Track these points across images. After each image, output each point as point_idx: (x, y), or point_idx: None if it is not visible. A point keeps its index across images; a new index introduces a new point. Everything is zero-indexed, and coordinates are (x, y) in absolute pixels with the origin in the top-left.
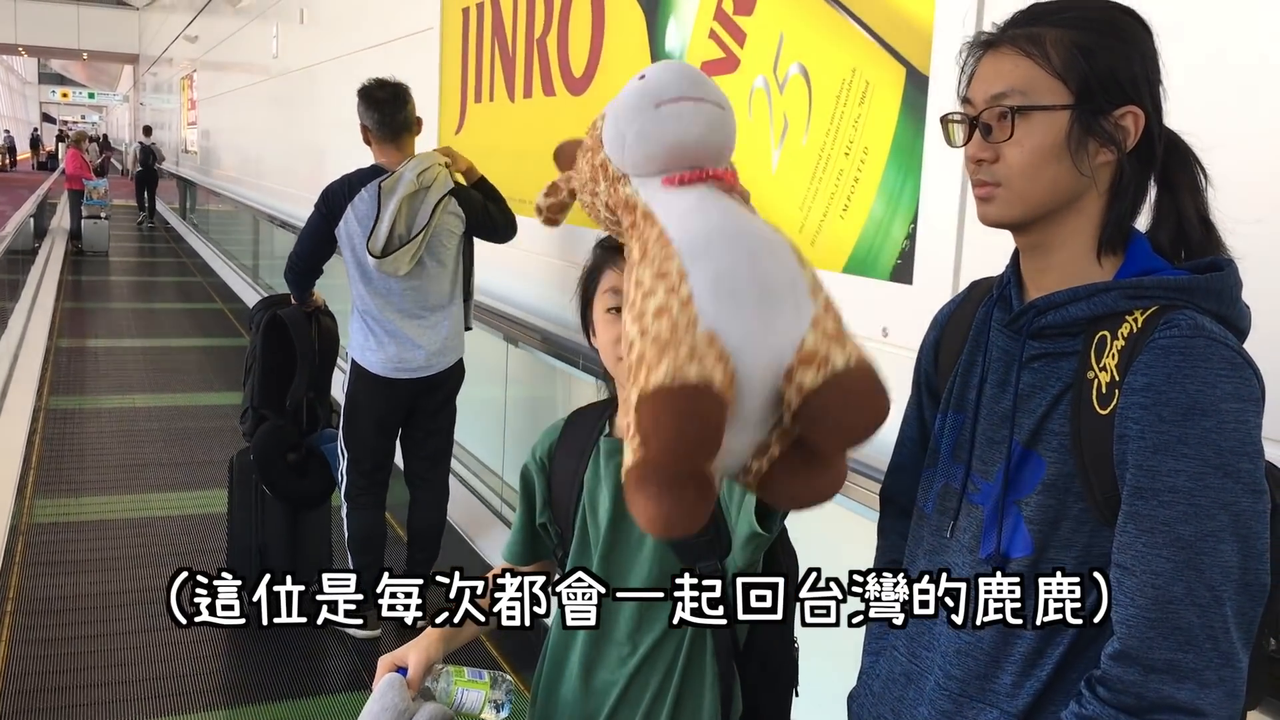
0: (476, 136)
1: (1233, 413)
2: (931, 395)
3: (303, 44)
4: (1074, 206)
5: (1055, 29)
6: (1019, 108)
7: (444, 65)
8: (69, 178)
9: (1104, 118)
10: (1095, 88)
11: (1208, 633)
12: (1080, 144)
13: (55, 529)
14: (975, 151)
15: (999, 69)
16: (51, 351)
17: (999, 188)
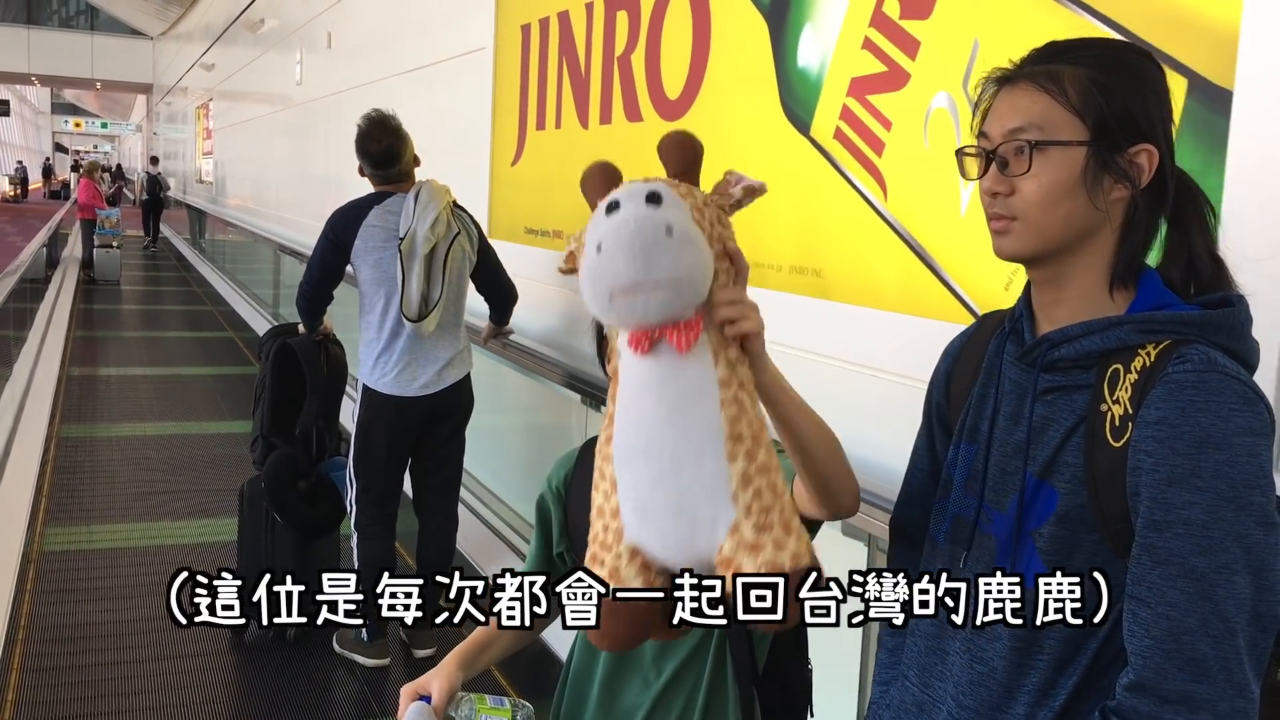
0: (538, 168)
1: (1245, 446)
2: (943, 427)
3: (329, 70)
4: (1088, 241)
5: (1073, 66)
6: (1037, 142)
7: (498, 90)
8: (81, 207)
9: (1119, 155)
10: (1111, 125)
11: (1221, 664)
12: (1096, 180)
13: (66, 557)
14: (992, 185)
15: (1016, 104)
16: (63, 380)
17: (1015, 221)
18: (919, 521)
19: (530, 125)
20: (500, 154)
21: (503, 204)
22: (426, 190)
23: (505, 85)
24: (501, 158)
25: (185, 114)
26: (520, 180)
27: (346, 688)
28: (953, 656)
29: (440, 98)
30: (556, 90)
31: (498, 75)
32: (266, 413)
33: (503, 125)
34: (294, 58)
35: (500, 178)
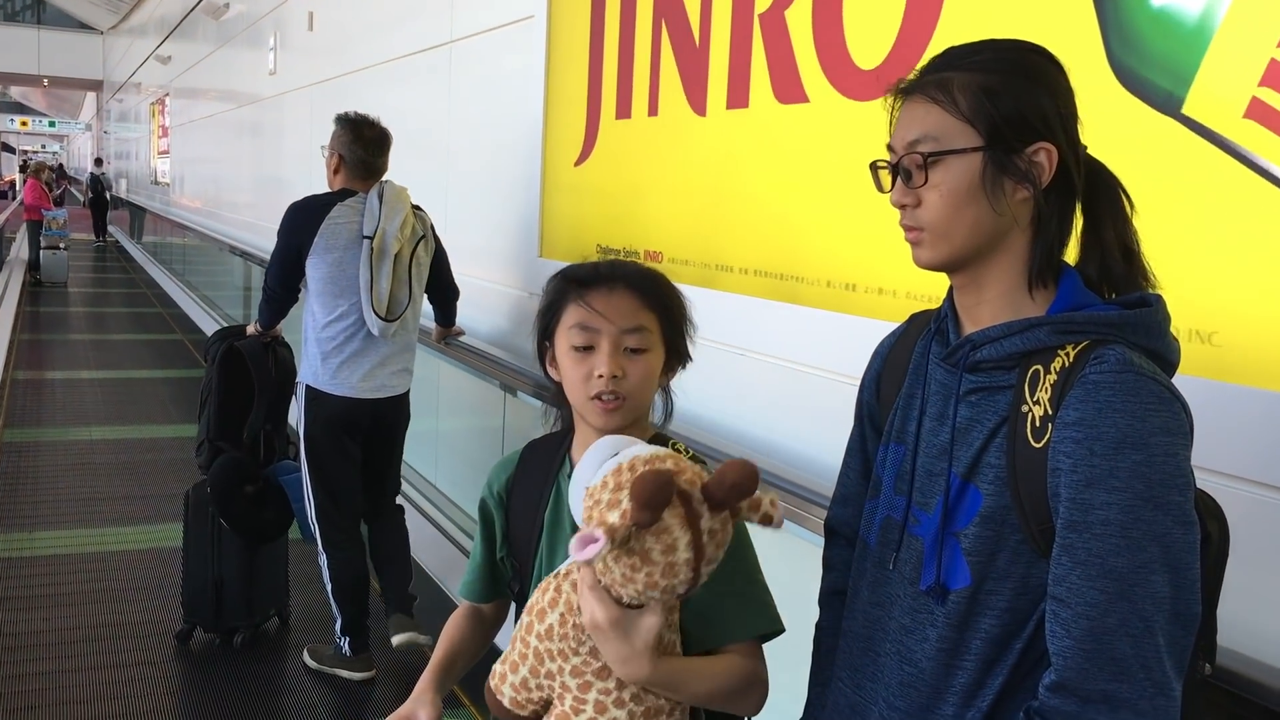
0: (619, 168)
1: (1162, 446)
2: (874, 427)
3: (310, 58)
4: (1001, 244)
5: (962, 73)
6: (931, 154)
7: (555, 68)
8: (28, 208)
9: (1017, 156)
10: (1003, 128)
11: (1141, 662)
12: (995, 183)
13: (8, 564)
14: (897, 198)
15: (913, 116)
16: (7, 384)
17: (923, 232)
18: (852, 521)
19: (606, 113)
20: (558, 151)
21: (561, 215)
22: (390, 190)
23: (566, 62)
24: (559, 156)
25: (138, 112)
26: (589, 184)
27: (296, 695)
28: (884, 658)
29: (463, 84)
30: (651, 65)
31: (553, 49)
32: (213, 416)
33: (562, 114)
34: (266, 45)
35: (557, 182)
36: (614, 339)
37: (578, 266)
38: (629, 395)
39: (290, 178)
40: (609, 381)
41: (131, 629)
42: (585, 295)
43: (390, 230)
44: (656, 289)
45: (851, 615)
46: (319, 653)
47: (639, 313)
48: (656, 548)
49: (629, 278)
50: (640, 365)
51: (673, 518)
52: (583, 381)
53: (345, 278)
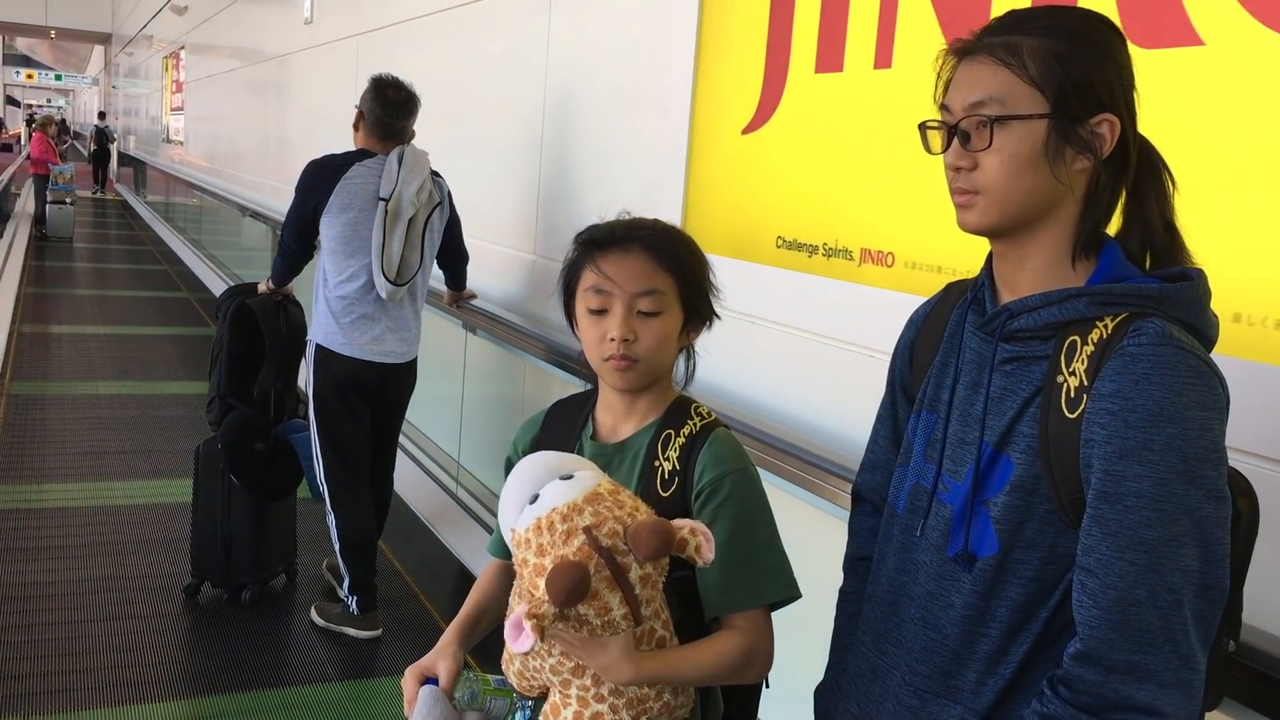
0: (813, 138)
1: (1198, 420)
2: (905, 395)
3: (355, 4)
4: (1051, 213)
5: (1031, 38)
6: (998, 117)
7: (713, 5)
8: (34, 162)
9: (1080, 126)
10: (1071, 96)
11: (1167, 635)
12: (1057, 152)
13: (16, 515)
14: (954, 159)
15: (977, 77)
16: (14, 337)
17: (978, 195)
18: (879, 487)
19: (799, 64)
20: (715, 113)
21: (720, 198)
22: (410, 154)
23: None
24: (718, 120)
25: (149, 66)
26: (766, 157)
27: (303, 650)
28: (907, 624)
29: (564, 29)
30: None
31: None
32: (224, 373)
33: (723, 66)
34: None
35: (714, 154)
36: (626, 302)
37: (596, 227)
38: (641, 358)
39: (323, 137)
40: (620, 345)
41: (139, 581)
42: (599, 258)
43: (406, 194)
44: (673, 249)
45: (876, 581)
46: (326, 611)
47: (653, 275)
48: (590, 612)
49: (644, 239)
50: (653, 328)
51: (600, 583)
52: (596, 344)
53: (359, 238)
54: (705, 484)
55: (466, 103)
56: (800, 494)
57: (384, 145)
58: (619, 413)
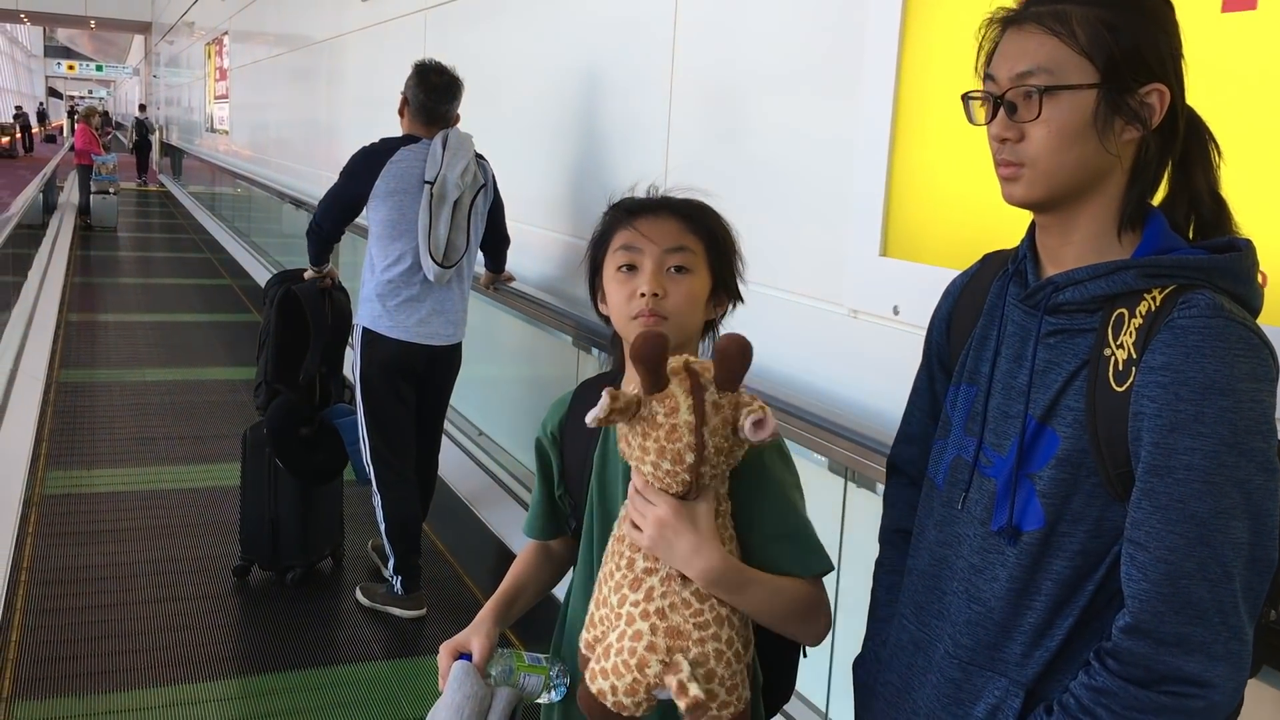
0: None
1: (1249, 392)
2: (942, 367)
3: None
4: (1098, 185)
5: (1080, 6)
6: (1047, 87)
7: None
8: (78, 153)
9: (1130, 95)
10: (1122, 65)
11: (1217, 607)
12: (1107, 123)
13: (68, 500)
14: (1000, 131)
15: (1024, 47)
16: (62, 325)
17: (1024, 168)
18: (916, 460)
19: None
20: (935, 88)
21: (951, 197)
22: (455, 136)
23: None
24: (929, 95)
25: (190, 55)
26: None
27: (350, 629)
28: (950, 596)
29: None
30: None
31: None
32: (270, 358)
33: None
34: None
35: (937, 142)
36: (656, 258)
37: (628, 198)
38: (671, 315)
39: (379, 123)
40: (650, 300)
41: (189, 564)
42: (632, 221)
43: (451, 177)
44: (703, 216)
45: (917, 554)
46: (371, 591)
47: (683, 235)
48: (660, 411)
49: (675, 205)
50: (683, 285)
51: (677, 386)
52: (625, 301)
53: (405, 222)
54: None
55: (563, 80)
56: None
57: (429, 130)
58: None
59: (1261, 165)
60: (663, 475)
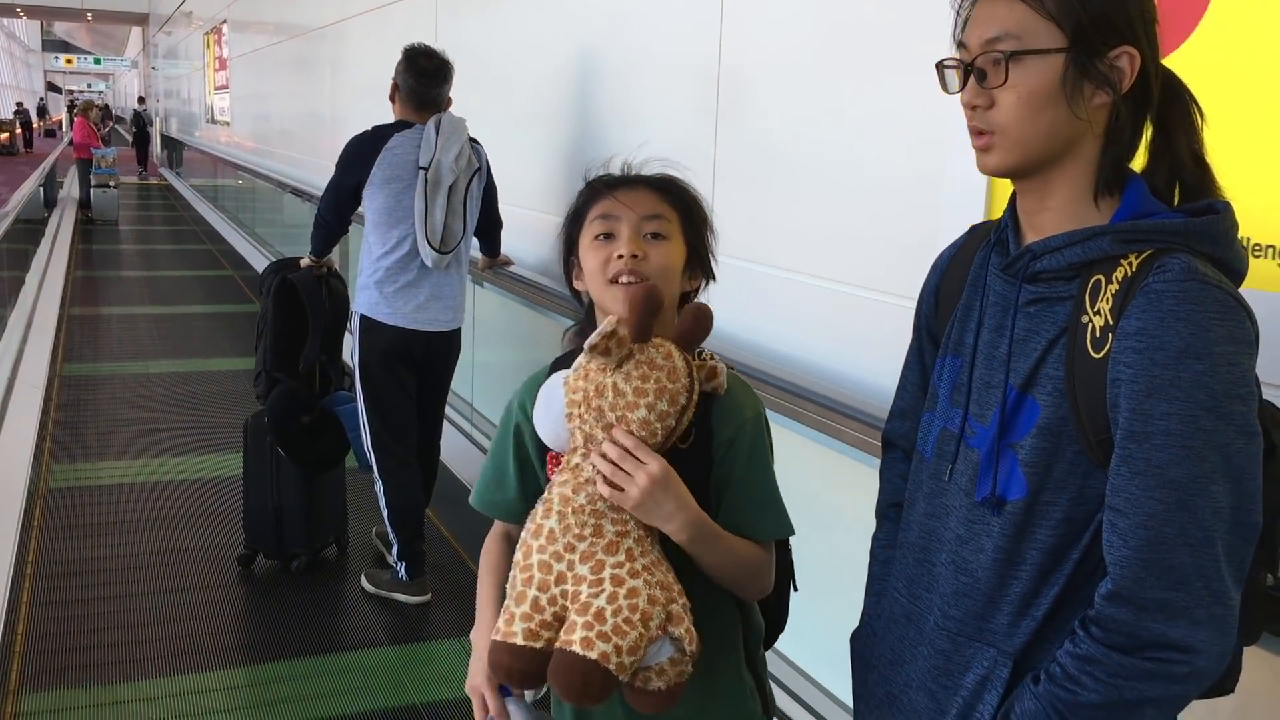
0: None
1: (1225, 356)
2: (932, 339)
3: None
4: (1072, 150)
5: None
6: (1013, 52)
7: None
8: (77, 146)
9: (1099, 59)
10: (1089, 29)
11: (1199, 572)
12: (1076, 87)
13: (73, 493)
14: (970, 98)
15: (993, 13)
16: (64, 319)
17: (995, 136)
18: (910, 434)
19: None
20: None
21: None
22: (448, 121)
23: None
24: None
25: (188, 45)
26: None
27: (356, 616)
28: (939, 568)
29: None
30: None
31: None
32: (269, 348)
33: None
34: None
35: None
36: (634, 224)
37: (602, 175)
38: (649, 277)
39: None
40: (628, 261)
41: (194, 554)
42: (610, 192)
43: (445, 161)
44: (677, 188)
45: (908, 526)
46: (376, 577)
47: (659, 205)
48: (658, 355)
49: (650, 179)
50: (661, 249)
51: (659, 339)
52: (602, 266)
53: (401, 208)
54: (728, 432)
55: (584, 64)
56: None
57: (421, 115)
58: None
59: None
60: (655, 419)
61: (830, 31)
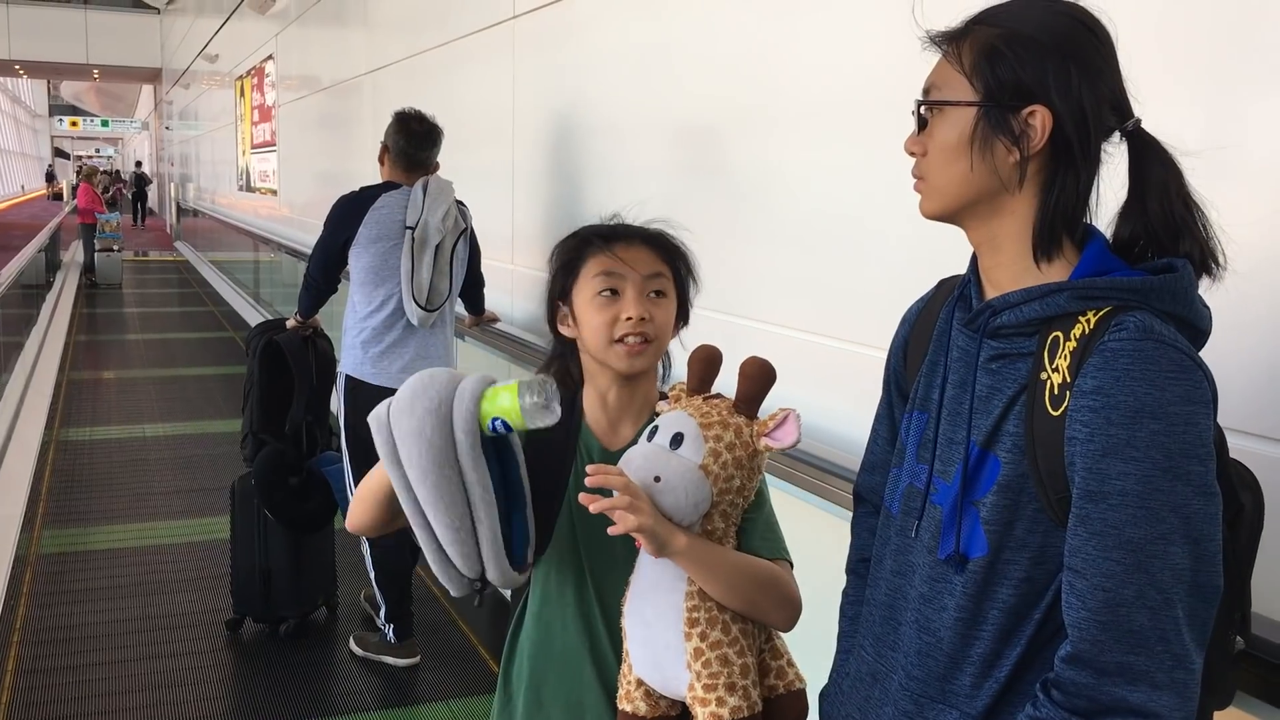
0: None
1: (1182, 415)
2: (900, 394)
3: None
4: (1001, 205)
5: (983, 27)
6: (928, 102)
7: None
8: (81, 211)
9: (1013, 116)
10: (996, 87)
11: (1159, 634)
12: (986, 141)
13: (63, 559)
14: (908, 145)
15: (935, 66)
16: (63, 384)
17: (924, 182)
18: (879, 488)
19: None
20: None
21: None
22: (435, 183)
23: None
24: None
25: (210, 99)
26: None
27: (344, 680)
28: (904, 627)
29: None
30: None
31: None
32: (255, 409)
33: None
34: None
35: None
36: (638, 284)
37: (595, 225)
38: (655, 338)
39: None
40: (638, 323)
41: (183, 619)
42: (609, 247)
43: (433, 221)
44: (671, 243)
45: (875, 583)
46: (365, 640)
47: (658, 262)
48: (715, 411)
49: (645, 234)
50: (664, 310)
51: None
52: (608, 326)
53: (388, 268)
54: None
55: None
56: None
57: (409, 176)
58: (615, 409)
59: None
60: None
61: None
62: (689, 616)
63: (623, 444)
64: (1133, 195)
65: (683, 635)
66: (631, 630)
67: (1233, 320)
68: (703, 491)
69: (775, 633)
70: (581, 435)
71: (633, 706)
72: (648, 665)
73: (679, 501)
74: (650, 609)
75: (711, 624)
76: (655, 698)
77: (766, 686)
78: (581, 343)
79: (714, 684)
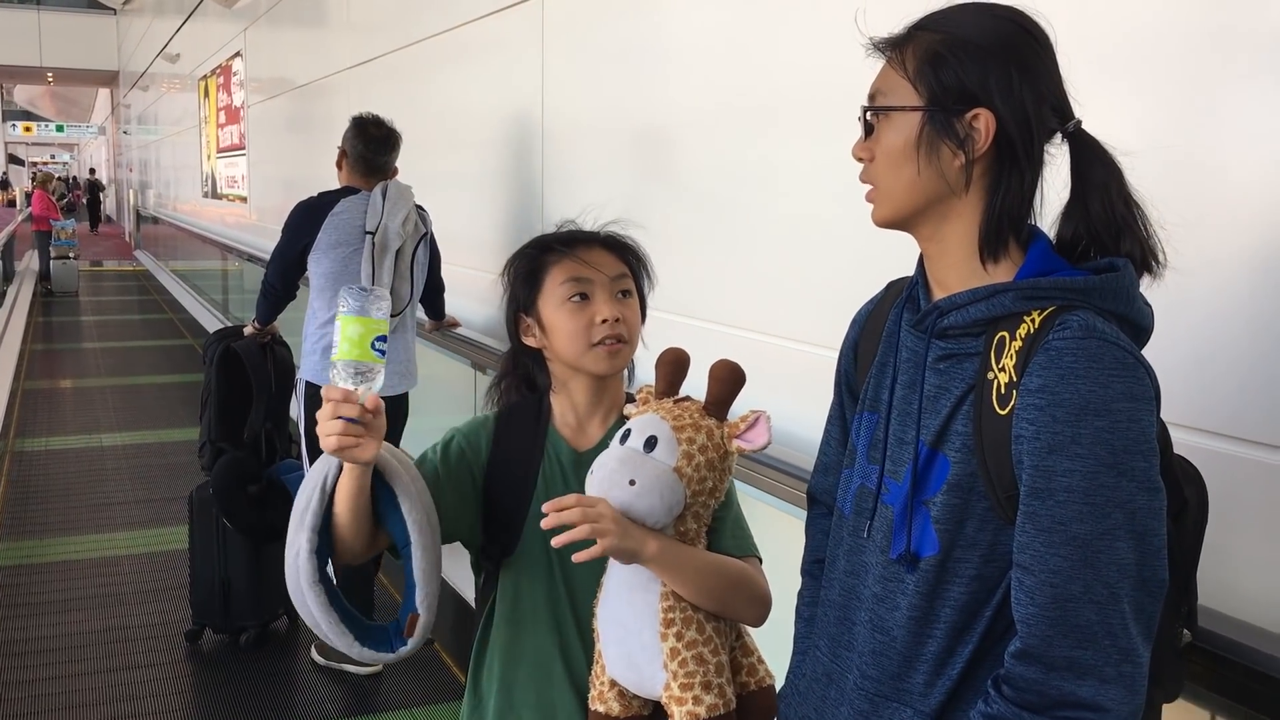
0: None
1: (1126, 412)
2: (851, 395)
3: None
4: (950, 208)
5: (925, 33)
6: (873, 108)
7: None
8: (36, 219)
9: (956, 120)
10: (940, 91)
11: (1106, 629)
12: (932, 145)
13: (19, 571)
14: (855, 151)
15: (879, 72)
16: (19, 393)
17: (874, 189)
18: (833, 489)
19: None
20: None
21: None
22: (395, 187)
23: None
24: None
25: (171, 103)
26: None
27: (305, 690)
28: (858, 626)
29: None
30: None
31: None
32: (213, 417)
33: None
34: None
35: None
36: (607, 286)
37: (551, 234)
38: (629, 338)
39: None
40: (613, 325)
41: (141, 631)
42: (572, 252)
43: (393, 226)
44: (627, 244)
45: (829, 584)
46: (326, 648)
47: (619, 263)
48: (686, 413)
49: (602, 238)
50: (632, 309)
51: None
52: (583, 330)
53: (348, 274)
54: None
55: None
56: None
57: (368, 181)
58: (584, 410)
59: None
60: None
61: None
62: (665, 617)
63: (590, 444)
64: (1075, 196)
65: (658, 635)
66: (605, 631)
67: (1175, 318)
68: (677, 494)
69: (744, 630)
70: (549, 437)
71: (605, 707)
72: (621, 665)
73: (654, 505)
74: (624, 609)
75: (687, 624)
76: (628, 698)
77: (738, 684)
78: (551, 351)
79: (690, 683)
